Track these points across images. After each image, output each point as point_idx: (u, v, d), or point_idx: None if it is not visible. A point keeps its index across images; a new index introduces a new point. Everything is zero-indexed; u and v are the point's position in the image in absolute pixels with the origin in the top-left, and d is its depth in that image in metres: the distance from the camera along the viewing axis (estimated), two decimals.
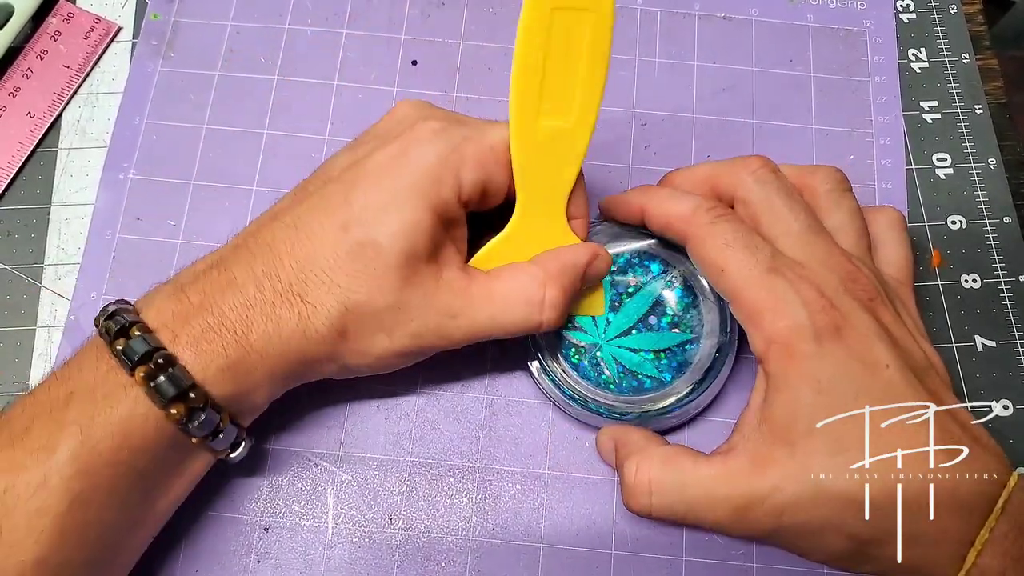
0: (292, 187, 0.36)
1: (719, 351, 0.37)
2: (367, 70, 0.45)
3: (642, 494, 0.33)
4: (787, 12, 0.47)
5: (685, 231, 0.35)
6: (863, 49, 0.46)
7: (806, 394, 0.31)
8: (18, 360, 0.40)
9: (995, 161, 0.44)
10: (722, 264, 0.33)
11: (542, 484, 0.38)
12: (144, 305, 0.32)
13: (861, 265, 0.34)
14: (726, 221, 0.34)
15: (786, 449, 0.31)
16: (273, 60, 0.45)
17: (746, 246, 0.33)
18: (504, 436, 0.39)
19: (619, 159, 0.44)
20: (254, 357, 0.31)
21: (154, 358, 0.29)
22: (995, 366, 0.40)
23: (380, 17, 0.46)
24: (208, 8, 0.46)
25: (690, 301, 0.39)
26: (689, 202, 0.35)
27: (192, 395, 0.30)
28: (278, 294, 0.31)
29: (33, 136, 0.43)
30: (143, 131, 0.44)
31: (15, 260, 0.42)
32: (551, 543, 0.37)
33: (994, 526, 0.30)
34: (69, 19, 0.45)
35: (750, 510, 0.31)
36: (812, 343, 0.31)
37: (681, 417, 0.37)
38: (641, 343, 0.38)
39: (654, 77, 0.45)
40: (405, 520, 0.37)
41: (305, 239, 0.32)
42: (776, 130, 0.44)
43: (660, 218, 0.36)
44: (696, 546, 0.37)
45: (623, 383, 0.38)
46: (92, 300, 0.40)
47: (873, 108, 0.45)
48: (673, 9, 0.47)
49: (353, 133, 0.43)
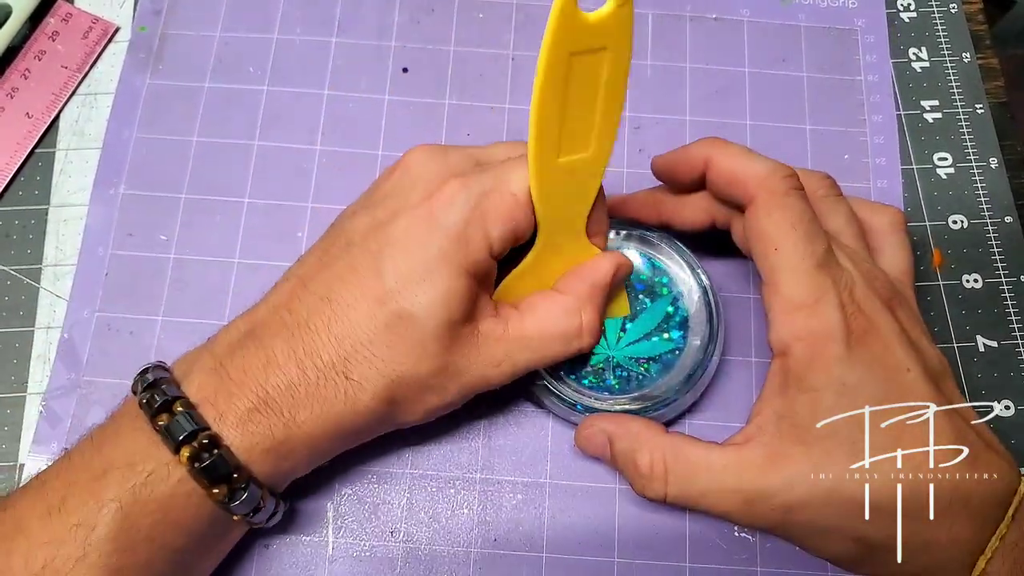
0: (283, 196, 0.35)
1: (707, 349, 0.37)
2: (357, 78, 0.45)
3: (658, 482, 0.33)
4: (778, 12, 0.47)
5: (754, 193, 0.33)
6: (855, 48, 0.46)
7: (829, 396, 0.31)
8: (16, 361, 0.40)
9: (996, 160, 0.44)
10: (779, 243, 0.32)
11: (543, 493, 0.38)
12: (183, 375, 0.32)
13: (874, 266, 0.34)
14: (798, 198, 0.33)
15: (802, 448, 0.31)
16: (262, 70, 0.45)
17: (808, 233, 0.32)
18: (504, 446, 0.38)
19: (612, 163, 0.42)
20: (301, 437, 0.31)
21: (199, 438, 0.29)
22: (996, 366, 0.40)
23: (369, 25, 0.46)
24: (196, 19, 0.46)
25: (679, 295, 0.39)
26: (765, 163, 0.33)
27: (236, 476, 0.29)
28: (321, 374, 0.31)
29: (31, 136, 0.43)
30: (132, 144, 0.43)
31: (13, 261, 0.41)
32: (554, 552, 0.37)
33: (1005, 534, 0.30)
34: (67, 19, 0.45)
35: (759, 503, 0.31)
36: (842, 347, 0.31)
37: (667, 415, 0.37)
38: (644, 351, 0.38)
39: (646, 80, 0.45)
40: (406, 533, 0.37)
41: (341, 314, 0.31)
42: (770, 131, 0.44)
43: (727, 173, 0.34)
44: (700, 552, 0.37)
45: (614, 383, 0.37)
46: (86, 318, 0.40)
47: (867, 107, 0.45)
48: (664, 11, 0.47)
49: (344, 142, 0.43)
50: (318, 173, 0.43)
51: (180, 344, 0.39)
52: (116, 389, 0.39)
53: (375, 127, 0.44)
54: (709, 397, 0.39)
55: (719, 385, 0.39)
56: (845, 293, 0.32)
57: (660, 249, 0.39)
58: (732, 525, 0.37)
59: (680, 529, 0.37)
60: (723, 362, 0.39)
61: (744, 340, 0.40)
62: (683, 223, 0.38)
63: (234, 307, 0.40)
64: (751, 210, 0.33)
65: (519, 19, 0.46)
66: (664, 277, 0.39)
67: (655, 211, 0.38)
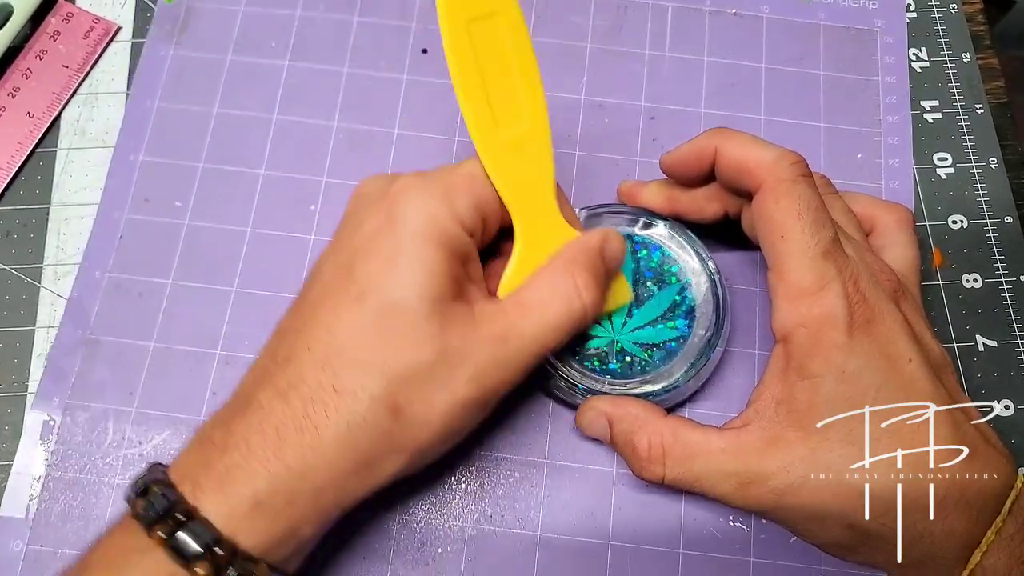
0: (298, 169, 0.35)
1: (711, 339, 0.37)
2: (377, 58, 0.45)
3: (656, 464, 0.33)
4: (799, 10, 0.47)
5: (762, 179, 0.33)
6: (874, 48, 0.46)
7: (829, 383, 0.31)
8: (17, 360, 0.40)
9: (996, 161, 0.44)
10: (785, 231, 0.32)
11: (540, 472, 0.38)
12: (172, 463, 0.29)
13: (879, 259, 0.34)
14: (806, 185, 0.32)
15: (800, 433, 0.31)
16: (284, 46, 0.45)
17: (814, 221, 0.32)
18: (503, 423, 0.39)
19: (627, 151, 0.44)
20: (292, 481, 0.28)
21: (172, 513, 0.27)
22: (996, 366, 0.40)
23: (392, 5, 0.46)
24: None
25: (687, 283, 0.39)
26: (773, 150, 0.33)
27: (218, 550, 0.26)
28: (308, 400, 0.28)
29: (32, 136, 0.43)
30: (154, 114, 0.44)
31: (14, 260, 0.42)
32: (548, 532, 0.37)
33: (1001, 527, 0.30)
34: (68, 19, 0.46)
35: (754, 486, 0.31)
36: (844, 334, 0.31)
37: (670, 401, 0.37)
38: (648, 337, 0.38)
39: (664, 71, 0.45)
40: (402, 505, 0.37)
41: (322, 333, 0.29)
42: (785, 127, 0.44)
43: (735, 161, 0.34)
44: (693, 538, 0.37)
45: (617, 367, 0.38)
46: (96, 279, 0.40)
47: (882, 108, 0.45)
48: (684, 4, 0.47)
49: (362, 119, 0.44)
50: (334, 149, 0.43)
51: (187, 307, 0.40)
52: (121, 348, 0.39)
53: (392, 106, 0.44)
54: (711, 386, 0.39)
55: (722, 375, 0.39)
56: (850, 282, 0.32)
57: (671, 237, 0.39)
58: (727, 514, 0.37)
59: (675, 516, 0.37)
60: (727, 352, 0.39)
61: (749, 331, 0.40)
62: (695, 214, 0.38)
63: (244, 275, 0.41)
64: (758, 197, 0.33)
65: (540, 5, 0.46)
66: (674, 265, 0.39)
67: (667, 202, 0.39)
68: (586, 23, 0.46)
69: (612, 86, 0.45)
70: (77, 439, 0.38)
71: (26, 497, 0.37)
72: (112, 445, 0.38)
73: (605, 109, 0.44)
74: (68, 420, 0.38)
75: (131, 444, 0.38)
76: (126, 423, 0.38)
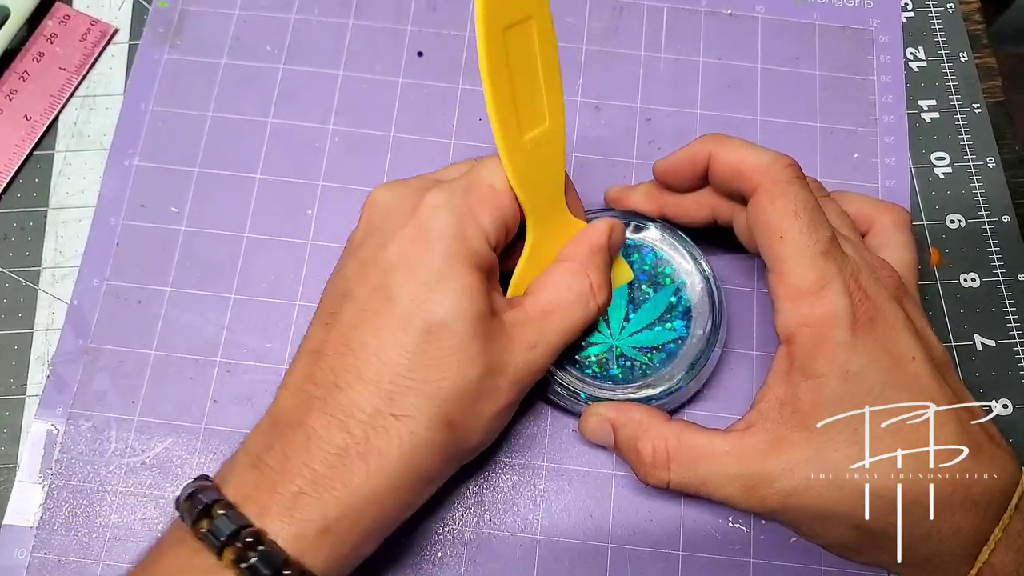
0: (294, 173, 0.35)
1: (709, 339, 0.37)
2: (372, 61, 0.45)
3: (661, 469, 0.33)
4: (794, 10, 0.47)
5: (757, 182, 0.33)
6: (869, 48, 0.46)
7: (833, 382, 0.31)
8: (15, 363, 0.40)
9: (994, 160, 0.44)
10: (783, 231, 0.32)
11: (540, 476, 0.38)
12: (221, 481, 0.30)
13: (878, 257, 0.35)
14: (801, 186, 0.33)
15: (804, 434, 0.31)
16: (279, 49, 0.45)
17: (811, 221, 0.32)
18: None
19: (623, 153, 0.44)
20: (360, 505, 0.29)
21: (241, 536, 0.27)
22: (994, 365, 0.40)
23: (387, 8, 0.46)
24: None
25: (682, 284, 0.39)
26: (767, 153, 0.33)
27: (287, 572, 0.27)
28: (368, 426, 0.29)
29: (30, 139, 0.43)
30: (148, 118, 0.44)
31: (12, 263, 0.41)
32: (548, 535, 0.37)
33: (1008, 524, 0.30)
34: (65, 21, 0.45)
35: (760, 488, 0.31)
36: (847, 333, 0.31)
37: (671, 404, 0.37)
38: (647, 340, 0.38)
39: (659, 73, 0.45)
40: None
41: (368, 357, 0.30)
42: (781, 127, 0.44)
43: (730, 165, 0.34)
44: (693, 540, 0.37)
45: (617, 372, 0.38)
46: (95, 286, 0.40)
47: (878, 107, 0.45)
48: (679, 5, 0.47)
49: (357, 123, 0.44)
50: (330, 152, 0.43)
51: (187, 315, 0.40)
52: (123, 356, 0.39)
53: (388, 109, 0.44)
54: (711, 388, 0.39)
55: (721, 376, 0.39)
56: (851, 280, 0.32)
57: (662, 240, 0.39)
58: (726, 516, 0.37)
59: (675, 518, 0.37)
60: (725, 354, 0.40)
61: (746, 332, 0.40)
62: (684, 218, 0.38)
63: (241, 282, 0.41)
64: (754, 199, 0.33)
65: None
66: (667, 267, 0.39)
67: (657, 204, 0.39)
68: (582, 24, 0.46)
69: (608, 88, 0.45)
70: (80, 448, 0.38)
71: (30, 505, 0.37)
72: (115, 453, 0.38)
73: (601, 111, 0.44)
74: (71, 429, 0.38)
75: (134, 452, 0.38)
76: (128, 431, 0.38)
